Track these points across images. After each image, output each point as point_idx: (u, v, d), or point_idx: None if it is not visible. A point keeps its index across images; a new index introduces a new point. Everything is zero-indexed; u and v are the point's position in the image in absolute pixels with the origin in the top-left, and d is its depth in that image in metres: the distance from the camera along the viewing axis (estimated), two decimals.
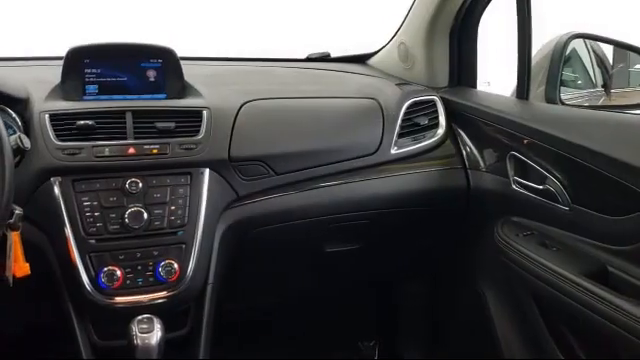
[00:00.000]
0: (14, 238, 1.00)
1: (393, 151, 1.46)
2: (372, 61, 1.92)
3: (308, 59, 1.89)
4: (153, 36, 1.47)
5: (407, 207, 1.49)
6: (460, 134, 1.55)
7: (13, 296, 1.09)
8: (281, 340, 1.85)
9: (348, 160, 1.41)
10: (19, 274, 1.01)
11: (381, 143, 1.45)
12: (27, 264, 1.02)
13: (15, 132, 1.15)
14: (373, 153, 1.44)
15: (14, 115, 1.19)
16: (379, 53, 1.90)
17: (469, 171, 1.51)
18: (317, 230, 1.44)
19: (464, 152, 1.53)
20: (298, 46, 1.96)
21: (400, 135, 1.48)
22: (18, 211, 0.99)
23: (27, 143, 1.09)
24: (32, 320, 1.47)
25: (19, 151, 1.06)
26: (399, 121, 1.49)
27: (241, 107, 1.36)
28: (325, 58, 1.89)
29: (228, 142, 1.30)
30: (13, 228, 0.99)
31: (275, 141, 1.37)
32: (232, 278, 1.36)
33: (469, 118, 1.52)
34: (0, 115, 0.95)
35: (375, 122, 1.47)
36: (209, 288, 1.25)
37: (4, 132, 0.92)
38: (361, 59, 1.93)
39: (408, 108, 1.51)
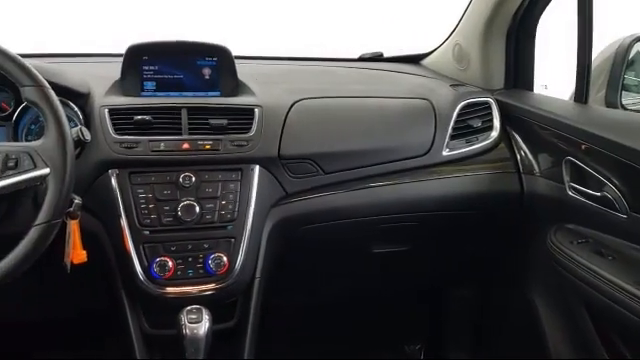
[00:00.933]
0: (73, 226, 1.04)
1: (445, 153, 1.44)
2: (426, 62, 1.90)
3: (361, 59, 1.89)
4: (208, 34, 1.50)
5: (457, 210, 1.47)
6: (514, 137, 1.52)
7: (70, 282, 1.13)
8: (326, 338, 1.85)
9: (398, 161, 1.41)
10: (76, 261, 1.05)
11: (433, 144, 1.43)
12: (84, 251, 1.06)
13: (76, 125, 1.20)
14: (424, 154, 1.42)
15: (76, 109, 1.25)
16: (433, 53, 1.88)
17: (523, 175, 1.47)
18: (365, 230, 1.44)
19: (518, 156, 1.50)
20: (351, 46, 1.96)
21: (452, 137, 1.46)
22: (77, 200, 1.03)
23: (87, 136, 1.13)
24: (86, 306, 1.53)
25: (79, 143, 1.10)
26: (452, 123, 1.47)
27: (292, 106, 1.38)
28: (378, 58, 1.89)
29: (278, 140, 1.31)
30: (72, 216, 1.03)
31: (324, 140, 1.37)
32: (279, 274, 1.38)
33: (524, 121, 1.48)
34: (63, 108, 0.99)
35: (427, 123, 1.45)
36: (256, 282, 1.27)
37: (66, 125, 0.97)
38: (415, 59, 1.92)
39: (462, 109, 1.49)
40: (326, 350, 1.80)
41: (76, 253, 1.05)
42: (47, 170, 0.93)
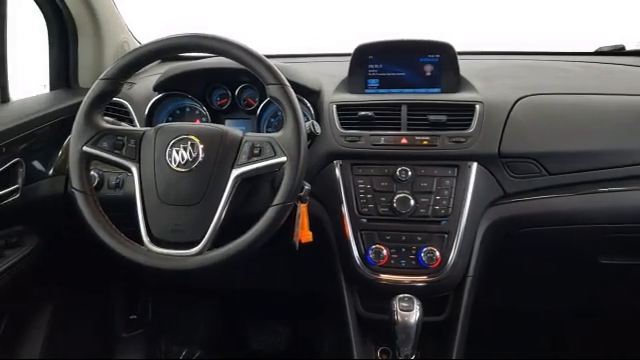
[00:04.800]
0: (302, 209, 1.16)
1: None
2: None
3: (598, 52, 1.72)
4: (430, 30, 1.51)
5: None
6: None
7: (297, 260, 1.25)
8: (535, 347, 1.75)
9: (637, 165, 1.26)
10: (304, 240, 1.17)
11: None
12: (310, 232, 1.17)
13: (308, 119, 1.32)
14: None
15: (309, 105, 1.38)
16: None
17: None
18: (591, 238, 1.32)
19: None
20: (587, 39, 1.80)
21: None
22: (307, 186, 1.14)
23: (318, 129, 1.24)
24: (307, 283, 1.67)
25: (311, 135, 1.22)
26: None
27: (516, 102, 1.33)
28: (619, 51, 1.70)
29: (499, 137, 1.28)
30: (302, 200, 1.14)
31: (551, 139, 1.29)
32: (493, 274, 1.34)
33: None
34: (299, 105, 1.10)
35: None
36: (468, 280, 1.26)
37: (302, 119, 1.07)
38: None
39: None
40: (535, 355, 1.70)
41: (304, 233, 1.16)
42: (284, 158, 1.04)
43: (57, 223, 1.39)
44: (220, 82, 1.45)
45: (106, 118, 1.20)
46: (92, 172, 1.26)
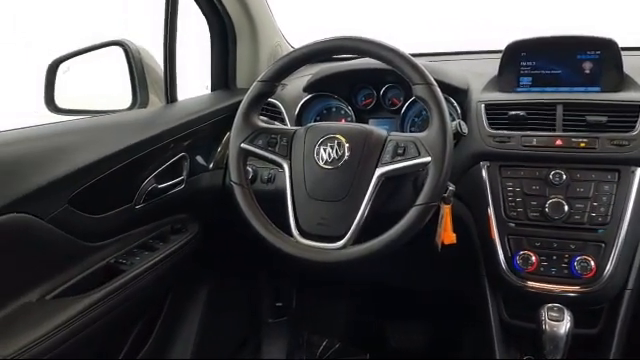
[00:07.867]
0: (446, 210, 1.14)
1: None
2: None
3: None
4: (588, 24, 1.42)
5: None
6: None
7: (438, 260, 1.24)
8: None
9: None
10: (447, 241, 1.15)
11: None
12: (454, 234, 1.15)
13: (455, 119, 1.30)
14: None
15: (455, 104, 1.35)
16: None
17: None
18: None
19: None
20: None
21: None
22: (451, 187, 1.12)
23: (465, 129, 1.22)
24: (448, 286, 1.65)
25: (457, 135, 1.19)
26: None
27: None
28: None
29: None
30: (446, 201, 1.13)
31: None
32: None
33: None
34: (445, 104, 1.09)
35: None
36: (627, 293, 1.17)
37: (448, 119, 1.06)
38: None
39: None
40: None
41: (447, 235, 1.15)
42: (429, 158, 1.04)
43: (215, 212, 1.52)
44: (366, 82, 1.48)
45: (261, 117, 1.28)
46: (247, 167, 1.35)
